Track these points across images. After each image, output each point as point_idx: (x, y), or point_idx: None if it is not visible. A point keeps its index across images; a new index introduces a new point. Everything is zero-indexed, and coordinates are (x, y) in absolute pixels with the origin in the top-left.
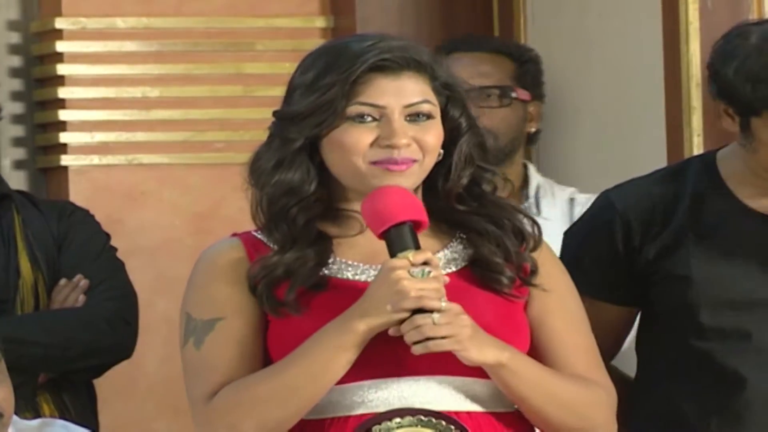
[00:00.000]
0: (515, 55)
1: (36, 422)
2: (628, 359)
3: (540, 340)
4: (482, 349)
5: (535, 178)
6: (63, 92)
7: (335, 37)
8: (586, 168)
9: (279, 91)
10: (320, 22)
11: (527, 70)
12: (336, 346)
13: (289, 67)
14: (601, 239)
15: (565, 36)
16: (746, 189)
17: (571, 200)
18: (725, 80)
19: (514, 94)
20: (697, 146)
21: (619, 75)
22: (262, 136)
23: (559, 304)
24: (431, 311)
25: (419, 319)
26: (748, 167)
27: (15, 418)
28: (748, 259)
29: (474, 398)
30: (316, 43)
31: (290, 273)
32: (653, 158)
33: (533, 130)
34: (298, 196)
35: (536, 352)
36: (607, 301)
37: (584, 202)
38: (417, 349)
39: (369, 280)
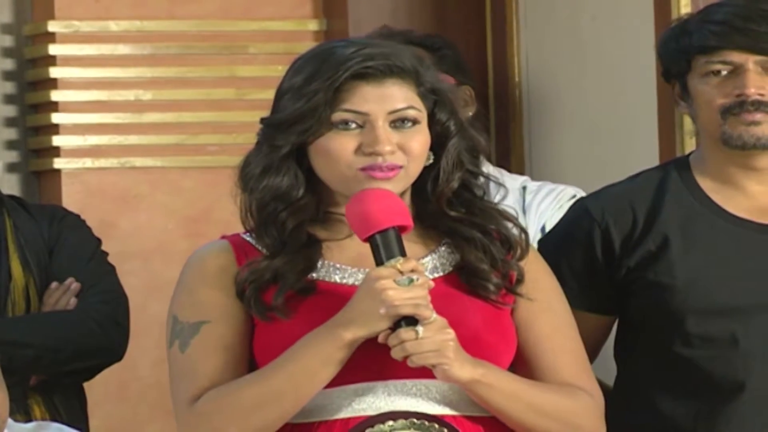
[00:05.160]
0: (427, 44)
1: (30, 425)
2: (601, 366)
3: (526, 345)
4: (463, 365)
5: (485, 167)
6: (56, 95)
7: (325, 41)
8: (580, 170)
9: (272, 94)
10: (313, 25)
11: (444, 56)
12: (321, 355)
13: (282, 70)
14: (580, 249)
15: (558, 38)
16: (719, 192)
17: (523, 188)
18: (664, 55)
19: None
20: (690, 148)
21: (612, 77)
22: (255, 139)
23: (545, 309)
24: (416, 322)
25: (403, 333)
26: (704, 148)
27: (9, 421)
28: (731, 265)
29: (462, 402)
30: (309, 45)
31: (279, 277)
32: (646, 160)
33: (471, 113)
34: (286, 201)
35: (523, 357)
36: (587, 310)
37: (535, 189)
38: (404, 359)
39: (356, 283)
